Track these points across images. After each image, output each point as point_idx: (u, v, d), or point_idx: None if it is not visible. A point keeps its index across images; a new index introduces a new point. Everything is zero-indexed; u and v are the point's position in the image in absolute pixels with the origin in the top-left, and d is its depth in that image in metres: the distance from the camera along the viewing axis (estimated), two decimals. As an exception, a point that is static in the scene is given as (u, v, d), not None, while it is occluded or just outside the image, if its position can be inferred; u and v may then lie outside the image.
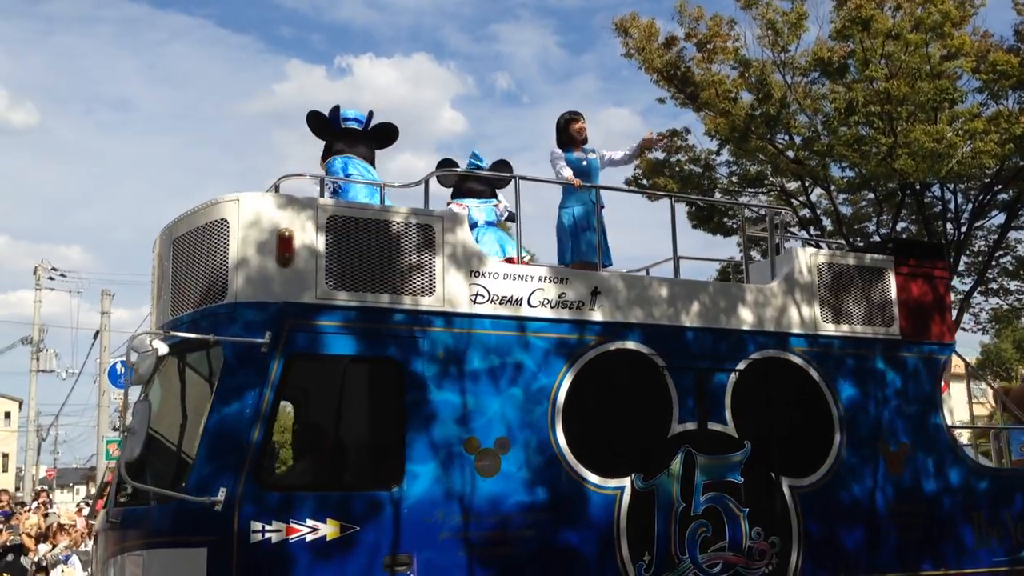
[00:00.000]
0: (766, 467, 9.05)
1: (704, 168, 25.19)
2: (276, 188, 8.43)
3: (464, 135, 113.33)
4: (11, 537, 18.05)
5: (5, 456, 73.52)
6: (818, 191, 25.35)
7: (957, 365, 11.08)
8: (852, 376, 9.62)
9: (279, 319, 7.58)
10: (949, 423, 10.25)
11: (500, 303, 8.35)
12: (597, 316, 8.68)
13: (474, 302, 8.26)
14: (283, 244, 7.72)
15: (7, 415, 70.13)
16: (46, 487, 43.80)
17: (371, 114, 9.82)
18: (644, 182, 24.75)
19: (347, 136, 9.56)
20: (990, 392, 11.49)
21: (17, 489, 49.55)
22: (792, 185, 25.51)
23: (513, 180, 9.44)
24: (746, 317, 9.27)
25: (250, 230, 7.72)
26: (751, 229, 10.35)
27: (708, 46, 23.31)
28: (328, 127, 9.61)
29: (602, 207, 9.61)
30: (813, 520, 9.11)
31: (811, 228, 25.36)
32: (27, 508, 23.16)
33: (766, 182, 25.54)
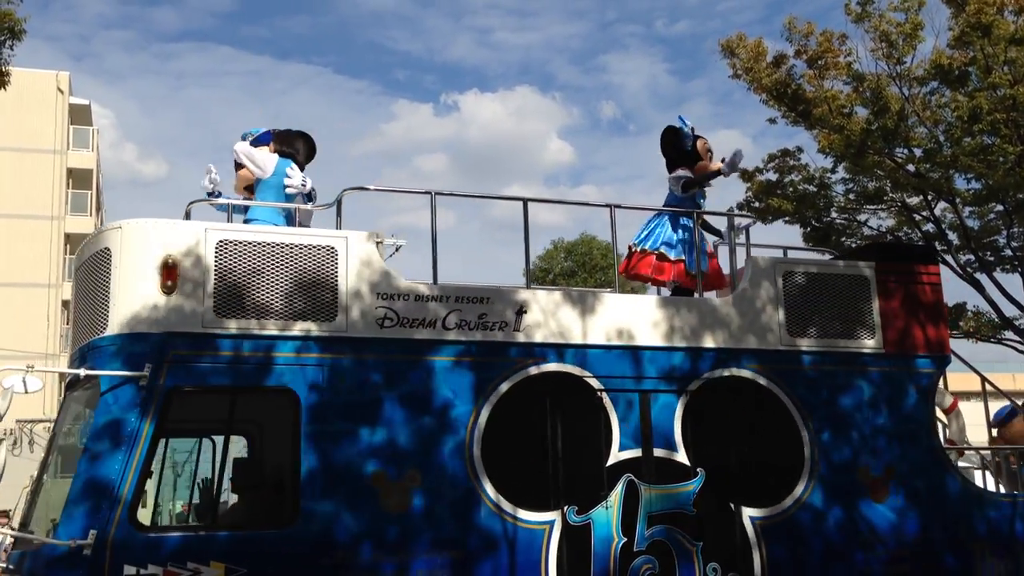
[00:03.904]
0: (723, 497, 8.24)
1: (819, 187, 24.19)
2: (187, 215, 8.19)
3: (572, 165, 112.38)
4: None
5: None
6: (942, 205, 23.92)
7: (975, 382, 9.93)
8: (826, 395, 8.70)
9: (161, 351, 7.25)
10: (965, 443, 9.19)
11: (411, 326, 7.85)
12: (522, 337, 8.07)
13: (381, 326, 7.78)
14: (166, 272, 7.42)
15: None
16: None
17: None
18: (756, 204, 24.00)
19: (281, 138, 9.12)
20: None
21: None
22: (914, 200, 24.11)
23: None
24: (697, 333, 8.48)
25: (132, 259, 7.44)
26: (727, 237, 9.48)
27: (819, 62, 22.39)
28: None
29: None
30: (780, 555, 8.23)
31: (936, 243, 23.94)
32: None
33: (885, 198, 24.30)
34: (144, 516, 7.39)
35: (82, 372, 7.23)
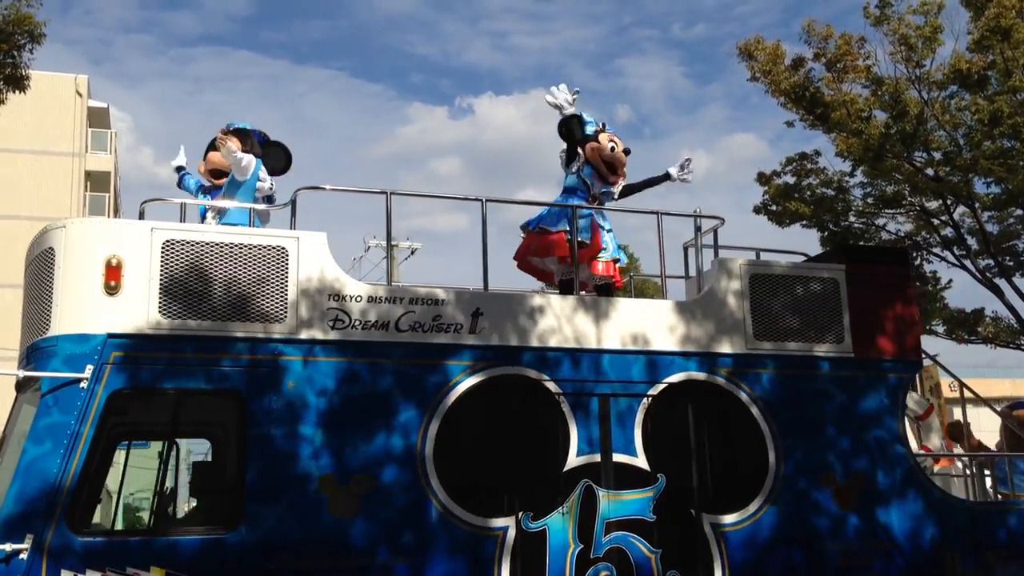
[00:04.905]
0: (684, 503, 8.03)
1: (837, 191, 23.93)
2: (141, 215, 8.11)
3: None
4: None
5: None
6: (961, 209, 23.60)
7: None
8: (792, 399, 8.46)
9: (103, 352, 7.15)
10: (940, 450, 8.91)
11: (364, 328, 7.70)
12: (478, 340, 7.90)
13: (332, 328, 7.63)
14: (110, 272, 7.31)
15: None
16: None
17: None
18: (773, 207, 23.79)
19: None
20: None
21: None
22: (933, 204, 23.78)
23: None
24: (659, 336, 8.28)
25: (75, 258, 7.34)
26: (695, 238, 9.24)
27: (838, 65, 22.09)
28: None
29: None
30: (742, 562, 8.01)
31: (955, 248, 23.61)
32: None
33: (904, 202, 23.99)
34: (84, 520, 7.20)
35: (20, 373, 7.15)
